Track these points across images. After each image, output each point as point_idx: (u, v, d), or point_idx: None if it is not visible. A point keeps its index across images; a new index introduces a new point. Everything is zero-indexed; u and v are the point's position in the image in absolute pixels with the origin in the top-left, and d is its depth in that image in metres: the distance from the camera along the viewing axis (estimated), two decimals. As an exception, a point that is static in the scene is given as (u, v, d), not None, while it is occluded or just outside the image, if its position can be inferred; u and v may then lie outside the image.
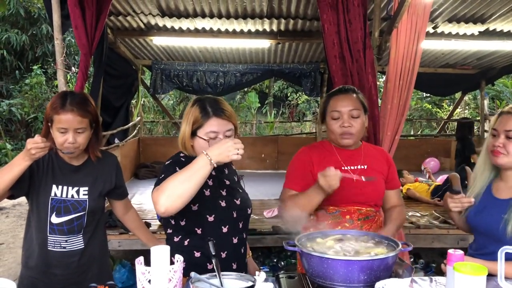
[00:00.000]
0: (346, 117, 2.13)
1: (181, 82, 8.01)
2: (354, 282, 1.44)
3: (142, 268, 1.51)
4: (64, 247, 2.17)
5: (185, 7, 5.23)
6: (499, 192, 1.96)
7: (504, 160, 1.88)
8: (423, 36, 3.66)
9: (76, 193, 2.17)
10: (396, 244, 1.56)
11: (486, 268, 1.40)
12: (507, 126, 1.86)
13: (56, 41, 3.61)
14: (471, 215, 1.98)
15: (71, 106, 2.03)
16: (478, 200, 1.98)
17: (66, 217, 2.15)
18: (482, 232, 1.95)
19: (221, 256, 1.88)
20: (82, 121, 2.06)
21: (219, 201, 1.91)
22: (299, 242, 1.59)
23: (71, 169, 2.18)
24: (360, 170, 2.19)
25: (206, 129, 1.86)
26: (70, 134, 2.04)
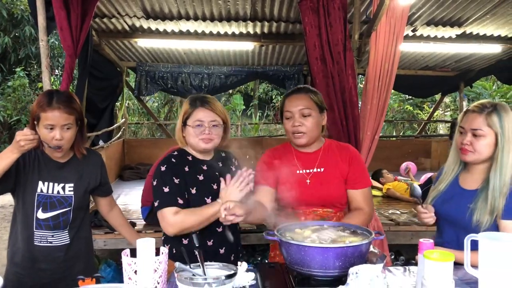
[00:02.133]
0: (296, 116, 2.20)
1: (166, 84, 8.02)
2: (330, 268, 1.52)
3: (128, 259, 1.56)
4: (51, 242, 2.22)
5: (170, 10, 5.27)
6: (465, 183, 2.05)
7: (472, 157, 1.96)
8: (401, 38, 3.76)
9: (61, 189, 2.22)
10: (370, 233, 1.65)
11: (453, 254, 1.47)
12: (473, 125, 1.92)
13: (41, 42, 3.62)
14: (438, 203, 2.07)
15: (57, 104, 2.09)
16: (444, 189, 2.09)
17: (52, 212, 2.21)
18: (448, 220, 2.04)
19: (207, 243, 2.06)
20: (69, 118, 2.12)
21: (204, 198, 2.07)
22: (279, 232, 1.67)
23: (57, 166, 2.23)
24: (315, 174, 2.23)
25: (193, 119, 2.09)
26: (57, 131, 2.10)
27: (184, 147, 2.20)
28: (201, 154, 2.18)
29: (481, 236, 1.56)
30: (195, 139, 2.09)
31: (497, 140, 1.89)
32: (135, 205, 5.19)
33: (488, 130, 1.90)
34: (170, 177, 2.04)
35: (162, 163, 2.10)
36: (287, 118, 2.25)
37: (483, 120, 1.90)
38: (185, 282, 1.45)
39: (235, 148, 2.36)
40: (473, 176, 2.03)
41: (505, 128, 1.88)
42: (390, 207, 5.30)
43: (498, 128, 1.88)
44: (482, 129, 1.91)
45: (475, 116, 1.93)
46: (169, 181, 2.03)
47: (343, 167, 2.26)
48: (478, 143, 1.92)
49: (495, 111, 1.90)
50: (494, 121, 1.89)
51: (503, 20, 5.46)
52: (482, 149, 1.92)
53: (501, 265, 1.47)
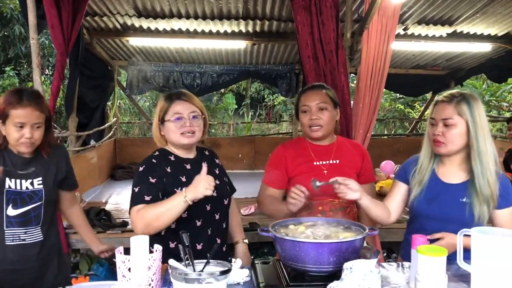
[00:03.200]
0: (314, 110, 2.29)
1: (158, 83, 7.98)
2: (324, 264, 1.52)
3: (122, 257, 1.56)
4: (24, 240, 2.13)
5: (161, 8, 5.26)
6: (447, 177, 2.00)
7: (445, 149, 1.93)
8: (393, 37, 3.78)
9: (30, 184, 2.13)
10: (363, 229, 1.66)
11: (446, 249, 1.48)
12: (443, 115, 1.90)
13: (32, 41, 3.60)
14: (422, 203, 1.99)
15: (28, 101, 2.02)
16: (425, 188, 2.00)
17: (23, 208, 2.12)
18: (438, 219, 1.97)
19: (196, 247, 1.98)
20: (40, 116, 2.06)
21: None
22: (273, 229, 1.67)
23: (23, 162, 2.13)
24: (331, 165, 2.32)
25: (171, 112, 2.01)
26: (27, 129, 2.02)
27: (164, 146, 2.11)
28: (184, 152, 2.10)
29: (474, 230, 1.56)
30: (176, 134, 2.00)
31: (469, 129, 1.88)
32: (127, 204, 5.14)
33: (458, 119, 1.88)
34: (146, 177, 1.94)
35: (142, 164, 2.02)
36: (303, 111, 2.33)
37: (453, 109, 1.89)
38: (179, 279, 1.45)
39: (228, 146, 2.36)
40: (451, 169, 2.00)
41: (475, 115, 1.87)
42: (382, 205, 5.31)
43: (468, 116, 1.87)
44: (452, 118, 1.88)
45: (444, 106, 1.91)
46: (142, 181, 1.94)
47: (357, 160, 2.38)
48: (449, 132, 1.90)
49: (464, 99, 1.89)
50: (464, 110, 1.87)
51: (493, 19, 5.50)
52: (454, 139, 1.90)
53: (494, 259, 1.47)
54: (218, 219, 2.07)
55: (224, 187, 2.17)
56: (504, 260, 1.46)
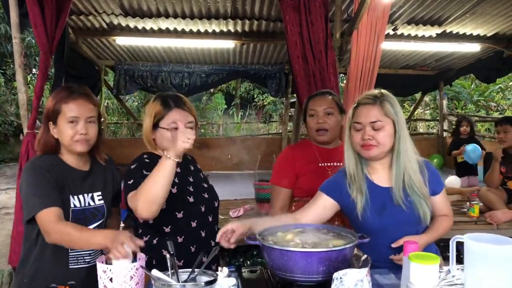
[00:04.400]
0: (321, 115, 2.42)
1: (146, 83, 7.92)
2: (314, 273, 1.46)
3: (103, 266, 1.49)
4: (88, 262, 1.93)
5: (148, 7, 5.20)
6: (383, 181, 1.89)
7: (376, 151, 1.82)
8: (382, 37, 3.76)
9: (91, 200, 1.96)
10: (354, 236, 1.61)
11: (438, 257, 1.44)
12: (370, 117, 1.81)
13: (14, 40, 3.53)
14: (373, 216, 1.84)
15: (79, 94, 1.88)
16: (368, 199, 1.86)
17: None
18: (392, 226, 1.84)
19: (190, 250, 1.93)
20: (93, 110, 1.91)
21: (187, 197, 1.95)
22: (260, 236, 1.61)
23: (81, 176, 1.95)
24: (335, 167, 2.39)
25: (168, 120, 1.93)
26: (81, 124, 1.86)
27: (153, 150, 2.04)
28: None
29: (466, 237, 1.53)
30: (170, 144, 1.87)
31: (395, 128, 1.81)
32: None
33: (386, 120, 1.80)
34: (139, 171, 1.86)
35: (133, 162, 1.95)
36: (311, 115, 2.46)
37: (379, 110, 1.80)
38: (162, 290, 1.39)
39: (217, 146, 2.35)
40: (384, 172, 1.90)
41: (399, 114, 1.82)
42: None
43: (394, 115, 1.81)
44: (381, 120, 1.80)
45: (369, 108, 1.82)
46: (136, 174, 1.85)
47: None
48: (379, 135, 1.80)
49: (386, 99, 1.82)
50: (389, 110, 1.80)
51: (482, 19, 5.51)
52: (385, 140, 1.80)
53: (487, 267, 1.44)
54: (211, 221, 2.04)
55: (212, 189, 2.14)
56: (498, 268, 1.42)
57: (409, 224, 1.84)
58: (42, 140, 1.93)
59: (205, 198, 2.03)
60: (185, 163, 2.13)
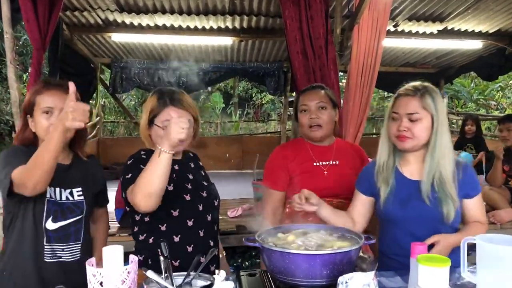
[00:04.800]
0: (313, 109, 2.30)
1: (142, 81, 7.86)
2: (317, 277, 1.40)
3: (92, 269, 1.42)
4: (60, 257, 1.93)
5: (144, 2, 5.13)
6: (414, 175, 1.90)
7: (411, 144, 1.83)
8: (384, 32, 3.70)
9: (70, 194, 1.95)
10: (359, 237, 1.53)
11: (449, 259, 1.38)
12: (408, 109, 1.82)
13: (6, 35, 3.49)
14: (395, 207, 1.87)
15: (55, 86, 1.88)
16: (393, 190, 1.88)
17: (63, 222, 1.92)
18: (413, 220, 1.85)
19: (187, 250, 1.87)
20: None
21: (183, 195, 1.91)
22: (260, 238, 1.53)
23: (61, 169, 1.90)
24: (332, 166, 2.31)
25: (162, 118, 1.89)
26: (56, 114, 1.84)
27: (151, 147, 1.99)
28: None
29: (479, 238, 1.47)
30: (164, 137, 1.90)
31: (433, 123, 1.81)
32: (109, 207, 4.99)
33: (424, 113, 1.81)
34: (137, 165, 1.81)
35: (129, 158, 1.91)
36: (303, 111, 2.33)
37: (418, 102, 1.81)
38: (155, 296, 1.31)
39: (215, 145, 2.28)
40: (417, 166, 1.90)
41: (439, 109, 1.82)
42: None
43: (433, 110, 1.81)
44: (418, 113, 1.80)
45: (409, 99, 1.83)
46: (134, 168, 1.81)
47: (357, 162, 2.37)
48: (416, 127, 1.81)
49: (427, 92, 1.82)
50: (429, 103, 1.81)
51: (484, 15, 5.46)
52: (421, 133, 1.81)
53: (501, 269, 1.37)
54: (210, 221, 1.98)
55: (212, 188, 2.10)
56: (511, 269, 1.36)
57: (430, 220, 1.83)
58: (20, 134, 1.95)
59: (204, 196, 1.98)
60: (186, 160, 2.08)
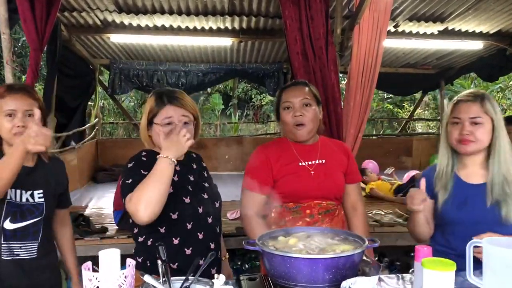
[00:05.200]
0: (297, 107, 2.17)
1: (141, 82, 7.83)
2: (319, 282, 1.36)
3: (88, 274, 1.39)
4: (17, 255, 1.99)
5: (143, 3, 5.11)
6: (471, 178, 1.99)
7: (473, 147, 1.92)
8: (385, 32, 3.68)
9: (30, 196, 2.00)
10: (362, 241, 1.49)
11: (454, 263, 1.35)
12: (470, 113, 1.91)
13: (3, 36, 3.48)
14: (452, 210, 1.95)
15: (18, 90, 1.97)
16: (451, 193, 1.96)
17: (22, 223, 1.98)
18: (468, 223, 1.92)
19: (185, 252, 1.85)
20: (32, 104, 1.97)
21: (183, 198, 1.88)
22: (260, 241, 1.49)
23: (24, 171, 1.95)
24: (318, 165, 2.20)
25: (160, 117, 1.88)
26: (19, 116, 1.93)
27: (152, 148, 1.98)
28: None
29: (485, 241, 1.44)
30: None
31: (494, 126, 1.92)
32: (108, 209, 4.97)
33: (485, 117, 1.91)
34: (138, 170, 1.81)
35: (130, 161, 1.89)
36: (286, 108, 2.20)
37: (479, 107, 1.91)
38: (152, 301, 1.27)
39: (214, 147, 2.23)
40: (473, 169, 1.99)
41: (497, 113, 1.93)
42: (374, 207, 5.20)
43: (493, 114, 1.91)
44: (481, 117, 1.90)
45: (470, 105, 1.93)
46: (134, 173, 1.80)
47: (342, 159, 2.29)
48: (478, 131, 1.91)
49: (486, 98, 1.93)
50: (489, 108, 1.91)
51: (485, 16, 5.44)
52: (483, 137, 1.91)
53: (507, 271, 1.35)
54: (211, 223, 1.94)
55: (214, 189, 2.07)
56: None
57: (488, 222, 1.88)
58: None
59: (204, 198, 1.95)
60: (187, 161, 2.04)
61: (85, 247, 3.89)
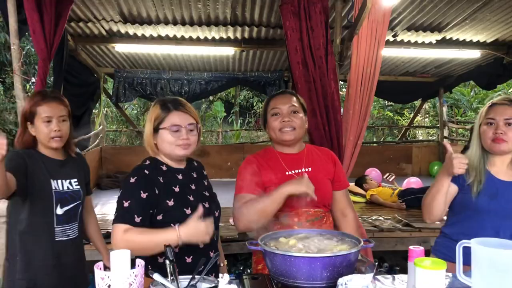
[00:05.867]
0: (285, 113, 2.21)
1: (145, 91, 7.90)
2: (317, 279, 1.43)
3: (101, 273, 1.46)
4: (68, 235, 2.33)
5: (148, 14, 5.19)
6: (503, 175, 2.13)
7: (506, 146, 2.06)
8: (383, 42, 3.73)
9: (69, 184, 2.34)
10: (358, 241, 1.57)
11: (445, 263, 1.42)
12: (506, 115, 2.06)
13: (12, 46, 3.53)
14: (485, 200, 2.08)
15: (51, 97, 2.26)
16: (485, 186, 2.09)
17: (68, 206, 2.31)
18: (499, 214, 2.07)
19: (185, 260, 1.89)
20: (64, 110, 2.28)
21: (184, 209, 1.91)
22: (263, 242, 1.58)
23: (58, 164, 2.33)
24: (304, 174, 2.17)
25: (167, 123, 1.93)
26: (54, 122, 2.22)
27: (156, 155, 2.03)
28: (175, 163, 2.03)
29: (473, 242, 1.51)
30: (171, 146, 1.93)
31: None
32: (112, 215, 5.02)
33: None
34: (137, 191, 1.84)
35: (133, 174, 1.90)
36: (274, 114, 2.23)
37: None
38: (161, 297, 1.35)
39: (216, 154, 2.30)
40: (502, 168, 2.14)
41: None
42: (373, 213, 5.27)
43: None
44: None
45: (505, 108, 2.08)
46: (133, 195, 1.83)
47: (329, 167, 2.30)
48: (511, 132, 2.05)
49: None
50: None
51: (481, 26, 5.52)
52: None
53: (494, 271, 1.42)
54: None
55: (214, 198, 2.11)
56: (505, 272, 1.40)
57: (508, 217, 2.06)
58: (20, 138, 2.29)
59: (205, 207, 1.98)
60: (189, 169, 2.09)
61: (90, 252, 3.95)
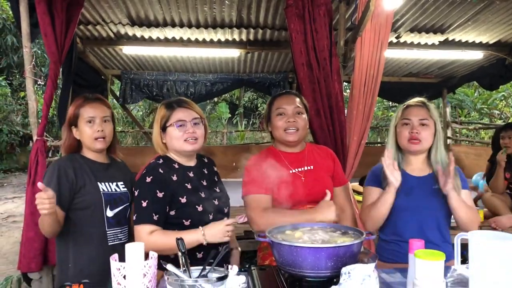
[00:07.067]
0: (290, 113, 2.30)
1: (151, 92, 7.94)
2: (322, 269, 1.51)
3: (117, 264, 1.54)
4: (120, 239, 2.29)
5: (155, 16, 5.25)
6: (418, 172, 2.24)
7: (420, 146, 2.18)
8: (386, 44, 3.79)
9: (116, 187, 2.32)
10: (361, 233, 1.65)
11: (443, 254, 1.49)
12: (420, 116, 2.18)
13: (24, 49, 3.60)
14: (402, 197, 2.14)
15: (94, 99, 2.30)
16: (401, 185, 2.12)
17: (117, 209, 2.28)
18: (416, 209, 2.16)
19: (196, 256, 1.97)
20: (107, 111, 2.30)
21: (195, 206, 1.99)
22: (270, 234, 1.65)
23: (103, 167, 2.32)
24: (307, 171, 2.30)
25: (173, 120, 2.03)
26: (98, 122, 2.23)
27: (166, 153, 2.12)
28: (186, 160, 2.11)
29: (471, 234, 1.56)
30: (179, 141, 2.03)
31: (436, 129, 2.19)
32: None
33: (430, 121, 2.18)
34: (153, 191, 1.94)
35: (148, 173, 1.99)
36: (279, 114, 2.31)
37: (426, 112, 2.19)
38: (175, 286, 1.43)
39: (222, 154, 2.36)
40: (417, 165, 2.25)
41: (438, 119, 2.23)
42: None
43: (437, 118, 2.21)
44: (428, 119, 2.17)
45: (419, 109, 2.21)
46: (150, 195, 1.93)
47: (329, 164, 2.40)
48: (425, 132, 2.16)
49: (430, 105, 2.23)
50: (434, 113, 2.21)
51: (484, 27, 5.55)
52: (428, 137, 2.17)
53: (492, 263, 1.46)
54: None
55: (224, 195, 2.18)
56: (502, 264, 1.45)
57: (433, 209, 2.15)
58: (66, 143, 2.31)
59: (215, 204, 2.07)
60: (200, 166, 2.17)
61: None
